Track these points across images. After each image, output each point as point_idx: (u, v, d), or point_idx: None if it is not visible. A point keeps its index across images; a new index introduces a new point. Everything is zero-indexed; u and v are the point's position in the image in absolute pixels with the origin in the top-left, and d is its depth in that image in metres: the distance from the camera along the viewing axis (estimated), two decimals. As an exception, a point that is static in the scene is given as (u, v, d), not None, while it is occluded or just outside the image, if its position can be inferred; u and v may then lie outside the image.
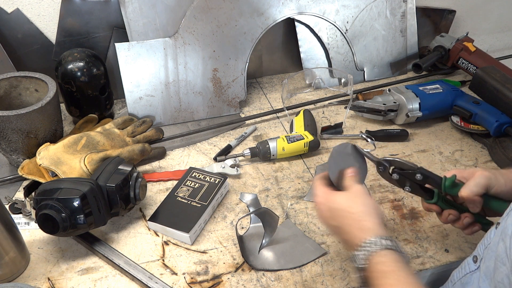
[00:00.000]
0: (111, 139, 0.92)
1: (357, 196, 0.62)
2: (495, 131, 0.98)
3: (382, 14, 1.21)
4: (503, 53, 1.34)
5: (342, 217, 0.61)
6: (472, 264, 0.62)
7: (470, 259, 0.63)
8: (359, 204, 0.61)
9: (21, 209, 0.81)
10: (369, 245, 0.55)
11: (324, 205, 0.64)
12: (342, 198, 0.62)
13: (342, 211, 0.61)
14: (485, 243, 0.59)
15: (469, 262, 0.63)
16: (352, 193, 0.62)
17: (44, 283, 0.71)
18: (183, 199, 0.82)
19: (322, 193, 0.65)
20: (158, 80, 1.05)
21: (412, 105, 1.04)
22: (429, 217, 0.83)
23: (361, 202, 0.61)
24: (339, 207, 0.61)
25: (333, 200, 0.63)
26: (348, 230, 0.59)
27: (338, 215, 0.61)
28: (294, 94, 1.21)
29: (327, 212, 0.63)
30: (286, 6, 1.12)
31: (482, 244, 0.61)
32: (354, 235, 0.58)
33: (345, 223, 0.60)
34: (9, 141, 0.85)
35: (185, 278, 0.72)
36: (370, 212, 0.59)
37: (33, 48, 1.06)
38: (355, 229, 0.58)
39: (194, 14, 1.03)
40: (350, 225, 0.59)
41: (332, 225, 0.63)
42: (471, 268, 0.62)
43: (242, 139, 1.03)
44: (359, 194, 0.62)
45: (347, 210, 0.60)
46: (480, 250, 0.61)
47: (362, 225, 0.58)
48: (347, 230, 0.60)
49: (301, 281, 0.72)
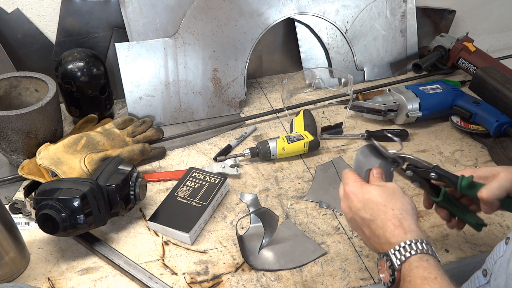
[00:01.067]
0: (111, 139, 0.92)
1: (395, 193, 0.58)
2: (495, 131, 0.98)
3: (382, 14, 1.21)
4: (503, 53, 1.34)
5: (378, 210, 0.56)
6: (482, 278, 0.60)
7: (480, 272, 0.61)
8: (398, 201, 0.57)
9: (21, 209, 0.81)
10: (410, 246, 0.52)
11: (356, 195, 0.59)
12: (378, 191, 0.58)
13: (379, 204, 0.57)
14: (494, 258, 0.58)
15: (479, 275, 0.61)
16: (389, 189, 0.58)
17: (44, 283, 0.71)
18: (183, 199, 0.82)
19: (354, 182, 0.60)
20: (158, 80, 1.05)
21: (412, 105, 1.04)
22: (429, 217, 0.84)
23: (400, 200, 0.57)
24: (375, 199, 0.57)
25: (368, 191, 0.58)
26: (383, 225, 0.55)
27: (373, 208, 0.57)
28: (294, 94, 1.21)
29: (358, 203, 0.59)
30: (286, 6, 1.12)
31: (491, 259, 0.59)
32: (391, 233, 0.54)
33: (382, 218, 0.56)
34: (9, 141, 0.85)
35: (185, 278, 0.72)
36: (410, 212, 0.56)
37: (33, 48, 1.06)
38: (393, 226, 0.54)
39: (194, 14, 1.03)
40: (387, 221, 0.55)
41: (363, 217, 0.58)
42: (481, 282, 0.60)
43: (242, 139, 1.03)
44: (397, 191, 0.58)
45: (384, 204, 0.56)
46: (489, 264, 0.59)
47: (402, 224, 0.54)
48: (381, 225, 0.55)
49: (301, 281, 0.72)
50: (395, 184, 0.60)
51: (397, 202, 0.57)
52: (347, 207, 0.62)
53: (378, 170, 0.63)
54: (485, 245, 0.78)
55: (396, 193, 0.58)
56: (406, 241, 0.52)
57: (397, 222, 0.55)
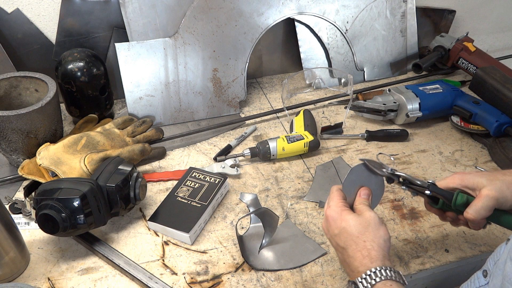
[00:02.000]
0: (111, 139, 0.92)
1: (370, 225, 0.60)
2: (495, 131, 0.98)
3: (382, 14, 1.21)
4: (503, 53, 1.34)
5: (351, 240, 0.60)
6: (482, 278, 0.61)
7: (480, 273, 0.62)
8: (371, 233, 0.60)
9: (21, 209, 0.81)
10: (375, 273, 0.55)
11: (334, 221, 0.62)
12: (355, 221, 0.61)
13: (352, 235, 0.60)
14: (494, 259, 0.59)
15: (479, 276, 0.62)
16: (365, 220, 0.61)
17: (44, 283, 0.71)
18: (183, 199, 0.82)
19: (336, 207, 0.63)
20: (158, 80, 1.05)
21: (412, 105, 1.04)
22: (429, 217, 0.83)
23: (373, 232, 0.60)
24: (350, 230, 0.60)
25: (345, 219, 0.61)
26: (354, 255, 0.59)
27: (347, 237, 0.60)
28: (294, 94, 1.21)
29: (335, 228, 0.62)
30: (286, 6, 1.12)
31: (491, 259, 0.60)
32: (359, 262, 0.58)
33: (353, 248, 0.59)
34: (9, 141, 0.85)
35: (185, 278, 0.72)
36: (381, 244, 0.59)
37: (33, 48, 1.06)
38: (361, 256, 0.58)
39: (194, 14, 1.03)
40: (357, 251, 0.59)
41: (337, 243, 0.62)
42: (480, 282, 0.61)
43: (242, 139, 1.03)
44: (372, 223, 0.61)
45: (357, 236, 0.59)
46: (490, 265, 0.60)
47: (370, 254, 0.58)
48: (351, 255, 0.59)
49: (301, 281, 0.72)
50: (373, 214, 0.62)
51: (370, 234, 0.60)
52: (326, 228, 0.65)
53: (366, 191, 0.66)
54: (485, 245, 0.78)
55: (371, 225, 0.61)
56: (371, 268, 0.56)
57: (366, 252, 0.58)
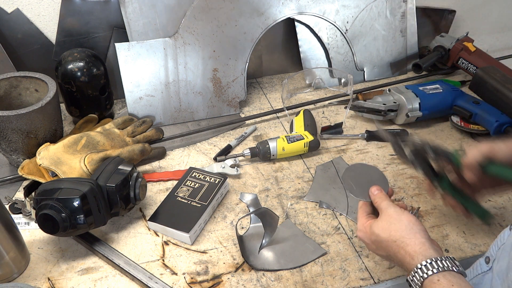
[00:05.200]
0: (111, 139, 0.92)
1: (392, 222, 0.60)
2: (495, 131, 0.98)
3: (382, 14, 1.21)
4: (503, 53, 1.34)
5: (386, 247, 0.60)
6: (484, 265, 0.62)
7: (482, 260, 0.62)
8: (397, 229, 0.60)
9: (21, 209, 0.81)
10: (421, 270, 0.54)
11: (367, 239, 0.64)
12: (379, 228, 0.62)
13: (383, 242, 0.60)
14: (498, 244, 0.59)
15: (481, 263, 0.62)
16: (386, 220, 0.61)
17: (44, 283, 0.71)
18: (183, 199, 0.82)
19: (361, 227, 0.65)
20: (158, 80, 1.05)
21: (412, 105, 1.04)
22: (429, 217, 0.83)
23: (398, 227, 0.60)
24: (379, 239, 0.61)
25: (371, 232, 0.63)
26: (397, 258, 0.59)
27: (382, 246, 0.61)
28: (294, 94, 1.21)
29: (371, 245, 0.64)
30: (286, 6, 1.12)
31: (495, 245, 0.60)
32: (405, 262, 0.57)
33: (392, 253, 0.60)
34: (9, 141, 0.85)
35: (185, 278, 0.72)
36: (410, 235, 0.58)
37: (33, 48, 1.06)
38: (402, 257, 0.58)
39: (194, 14, 1.03)
40: (397, 253, 0.59)
41: (382, 255, 0.63)
42: (483, 269, 0.62)
43: (242, 139, 1.03)
44: (394, 218, 0.61)
45: (387, 240, 0.60)
46: (492, 251, 0.61)
47: (407, 251, 0.57)
48: (395, 259, 0.60)
49: (301, 281, 0.72)
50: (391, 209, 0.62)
51: (397, 230, 0.59)
52: (368, 248, 0.66)
53: (374, 188, 0.67)
54: (485, 245, 0.78)
55: (393, 221, 0.61)
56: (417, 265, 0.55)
57: (403, 251, 0.58)
